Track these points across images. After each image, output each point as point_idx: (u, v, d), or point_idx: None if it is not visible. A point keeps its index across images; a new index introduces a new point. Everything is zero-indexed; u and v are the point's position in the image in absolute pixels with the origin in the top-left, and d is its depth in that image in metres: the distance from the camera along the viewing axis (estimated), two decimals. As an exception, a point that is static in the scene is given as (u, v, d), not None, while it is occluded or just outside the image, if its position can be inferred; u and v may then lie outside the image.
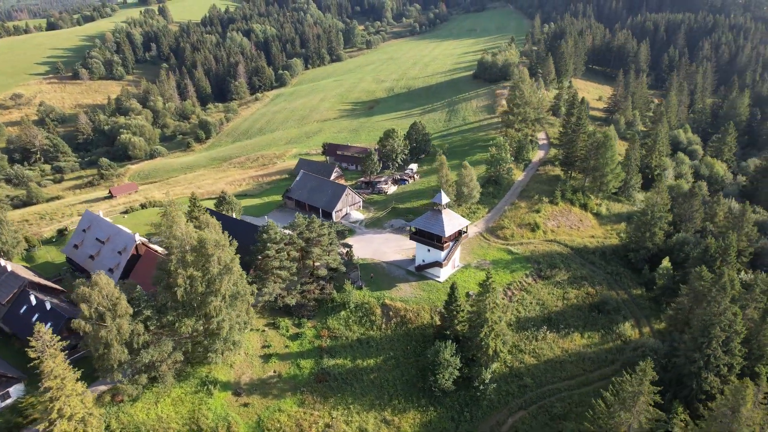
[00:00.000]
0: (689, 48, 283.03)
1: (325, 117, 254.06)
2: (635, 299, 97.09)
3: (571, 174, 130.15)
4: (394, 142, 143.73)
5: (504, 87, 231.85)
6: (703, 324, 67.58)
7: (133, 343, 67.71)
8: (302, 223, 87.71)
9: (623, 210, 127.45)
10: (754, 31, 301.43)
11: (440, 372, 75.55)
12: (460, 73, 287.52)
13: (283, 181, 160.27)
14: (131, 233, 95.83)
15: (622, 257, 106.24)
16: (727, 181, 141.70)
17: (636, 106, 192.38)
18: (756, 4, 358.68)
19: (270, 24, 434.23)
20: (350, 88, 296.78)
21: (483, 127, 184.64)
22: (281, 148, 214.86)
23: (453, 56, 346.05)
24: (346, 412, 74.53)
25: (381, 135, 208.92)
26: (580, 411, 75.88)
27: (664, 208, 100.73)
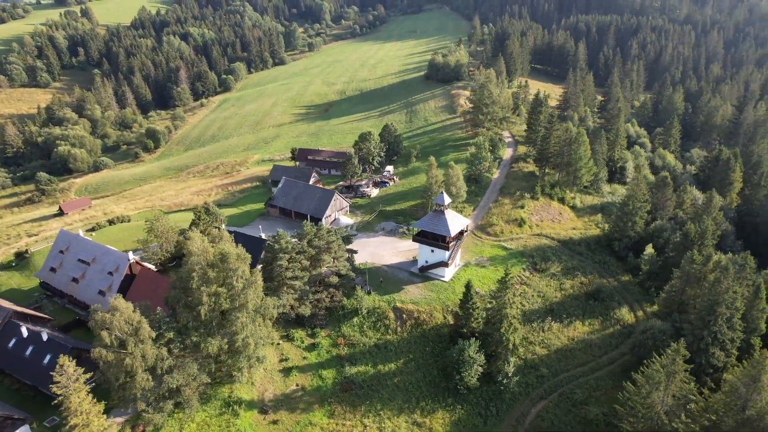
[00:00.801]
0: (620, 47, 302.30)
1: (279, 122, 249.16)
2: (624, 285, 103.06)
3: (545, 170, 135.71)
4: (370, 144, 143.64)
5: (459, 87, 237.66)
6: (709, 303, 73.10)
7: (156, 368, 63.72)
8: (311, 231, 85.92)
9: (595, 202, 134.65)
10: (673, 32, 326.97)
11: (465, 369, 76.75)
12: (411, 74, 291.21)
13: (255, 189, 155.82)
14: (122, 252, 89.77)
15: (606, 246, 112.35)
16: (678, 170, 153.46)
17: (586, 103, 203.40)
18: (669, 7, 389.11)
19: (207, 27, 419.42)
20: (301, 92, 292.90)
21: (447, 127, 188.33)
22: (240, 155, 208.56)
23: (399, 57, 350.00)
24: (378, 419, 74.10)
25: (343, 138, 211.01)
26: (598, 395, 79.85)
27: (643, 198, 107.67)
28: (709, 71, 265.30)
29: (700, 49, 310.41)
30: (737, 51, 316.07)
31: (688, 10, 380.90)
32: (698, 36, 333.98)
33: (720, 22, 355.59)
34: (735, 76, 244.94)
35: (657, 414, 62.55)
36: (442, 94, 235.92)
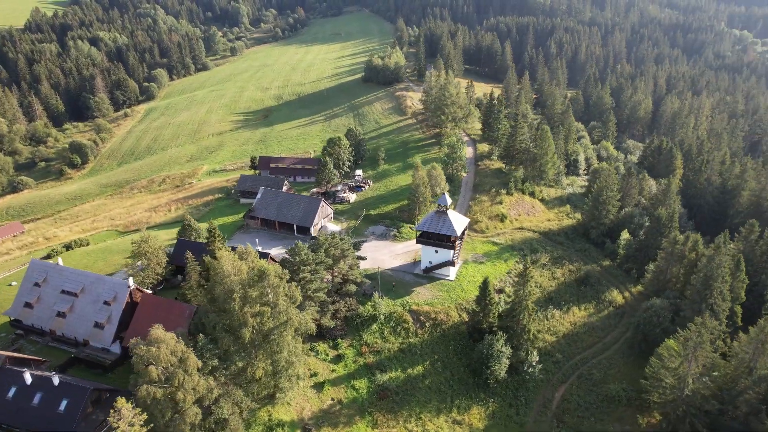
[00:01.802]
0: (541, 47, 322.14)
1: (219, 130, 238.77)
2: (606, 270, 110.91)
3: (512, 166, 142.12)
4: (341, 149, 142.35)
5: (401, 89, 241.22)
6: (705, 278, 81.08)
7: (204, 399, 59.67)
8: (326, 240, 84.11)
9: (559, 194, 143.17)
10: (583, 33, 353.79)
11: (495, 363, 79.13)
12: (347, 77, 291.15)
13: (219, 201, 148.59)
14: (118, 278, 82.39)
15: (582, 235, 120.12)
16: (620, 160, 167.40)
17: (526, 101, 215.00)
18: (575, 10, 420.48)
19: (117, 31, 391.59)
20: (235, 98, 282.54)
21: (402, 129, 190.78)
22: (186, 166, 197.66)
23: (329, 61, 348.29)
24: (420, 423, 74.57)
25: (295, 144, 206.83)
26: (614, 373, 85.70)
27: (615, 187, 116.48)
28: (623, 69, 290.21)
29: (608, 49, 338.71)
30: (638, 50, 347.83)
31: (591, 12, 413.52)
32: (603, 36, 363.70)
33: (619, 23, 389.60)
34: (644, 72, 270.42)
35: (685, 382, 68.49)
36: (385, 96, 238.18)
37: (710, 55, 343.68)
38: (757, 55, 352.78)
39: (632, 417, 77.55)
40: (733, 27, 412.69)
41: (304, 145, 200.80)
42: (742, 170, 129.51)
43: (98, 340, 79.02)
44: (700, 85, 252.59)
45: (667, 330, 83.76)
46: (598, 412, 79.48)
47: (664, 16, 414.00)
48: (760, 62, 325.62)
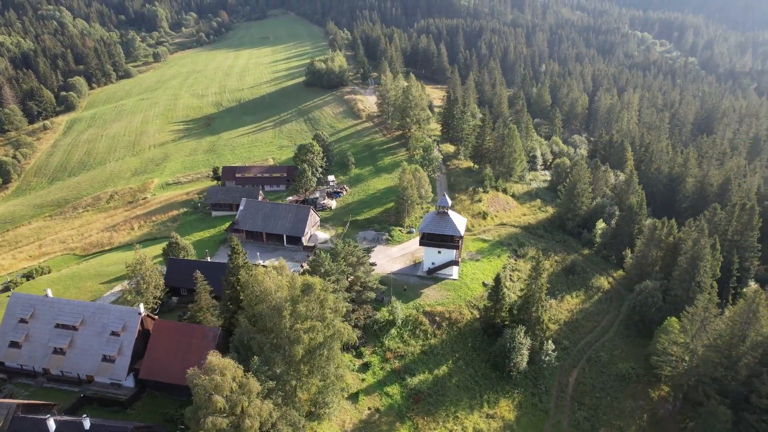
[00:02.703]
0: (474, 49, 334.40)
1: (160, 140, 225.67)
2: (586, 258, 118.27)
3: (482, 165, 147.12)
4: (314, 155, 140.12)
5: (349, 93, 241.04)
6: (692, 258, 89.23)
7: (265, 424, 57.09)
8: (343, 248, 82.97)
9: (525, 190, 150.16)
10: (509, 34, 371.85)
11: (517, 355, 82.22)
12: (287, 82, 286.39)
13: (186, 215, 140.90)
14: (124, 306, 76.17)
15: (559, 226, 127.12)
16: (572, 154, 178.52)
17: (473, 101, 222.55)
18: (497, 12, 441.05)
19: (19, 35, 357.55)
20: (170, 107, 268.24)
21: (361, 132, 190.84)
22: (132, 181, 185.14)
23: (263, 65, 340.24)
24: (457, 421, 76.03)
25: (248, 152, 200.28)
26: (619, 353, 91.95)
27: (586, 180, 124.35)
28: (550, 68, 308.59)
29: (533, 49, 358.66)
30: (559, 50, 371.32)
31: (512, 14, 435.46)
32: (527, 37, 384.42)
33: (539, 25, 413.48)
34: (571, 71, 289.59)
35: (696, 354, 75.22)
36: (334, 100, 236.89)
37: (621, 54, 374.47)
38: (658, 55, 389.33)
39: (644, 392, 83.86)
40: (634, 29, 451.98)
41: (259, 152, 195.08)
42: (685, 159, 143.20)
43: (107, 375, 72.73)
44: (621, 82, 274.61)
45: (661, 309, 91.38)
46: (612, 390, 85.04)
47: (576, 18, 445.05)
48: (664, 61, 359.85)
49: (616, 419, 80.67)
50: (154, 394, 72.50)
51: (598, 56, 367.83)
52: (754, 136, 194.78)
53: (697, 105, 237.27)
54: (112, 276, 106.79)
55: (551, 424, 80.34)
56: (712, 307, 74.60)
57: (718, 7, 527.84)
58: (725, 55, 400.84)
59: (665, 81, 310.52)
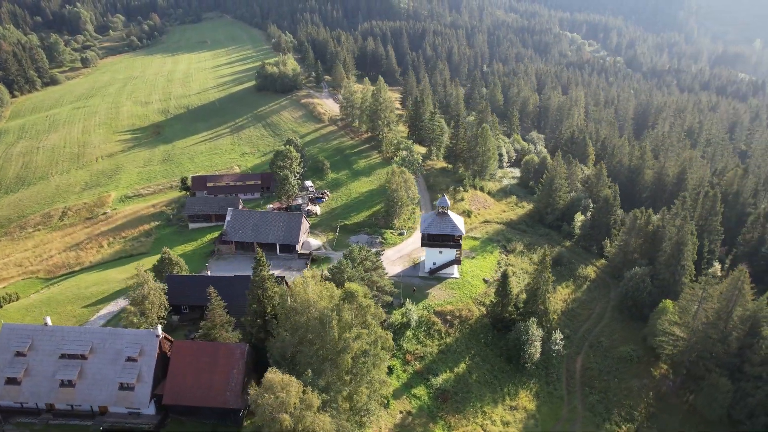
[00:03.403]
0: (421, 51, 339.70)
1: (108, 151, 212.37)
2: (569, 249, 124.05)
3: (456, 165, 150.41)
4: (292, 161, 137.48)
5: (305, 96, 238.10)
6: (677, 244, 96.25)
7: (322, 438, 55.95)
8: (359, 254, 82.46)
9: (498, 187, 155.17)
10: (451, 36, 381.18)
11: (530, 346, 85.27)
12: (236, 87, 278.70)
13: (160, 228, 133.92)
14: (140, 329, 71.52)
15: (538, 221, 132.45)
16: (533, 151, 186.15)
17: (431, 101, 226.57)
18: (436, 14, 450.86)
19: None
20: (112, 115, 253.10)
21: (327, 136, 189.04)
22: (84, 195, 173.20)
23: (206, 70, 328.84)
24: (485, 415, 77.85)
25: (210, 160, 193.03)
26: (617, 337, 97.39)
27: (563, 175, 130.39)
28: (494, 68, 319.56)
29: (475, 50, 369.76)
30: (499, 50, 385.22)
31: (451, 16, 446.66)
32: (468, 38, 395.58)
33: (477, 26, 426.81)
34: (516, 71, 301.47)
35: (696, 332, 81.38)
36: (291, 105, 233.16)
37: (556, 54, 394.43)
38: (590, 55, 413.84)
39: (646, 371, 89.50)
40: (564, 30, 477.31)
41: (221, 160, 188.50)
42: (642, 152, 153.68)
43: (127, 404, 68.16)
44: (563, 80, 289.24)
45: (651, 293, 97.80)
46: (617, 372, 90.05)
47: (511, 20, 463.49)
48: (596, 60, 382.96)
49: (625, 399, 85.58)
50: (180, 420, 68.84)
51: (536, 56, 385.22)
52: (687, 128, 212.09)
53: (634, 101, 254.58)
54: (93, 298, 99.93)
55: (568, 410, 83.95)
56: (710, 288, 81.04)
57: (632, 10, 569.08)
58: (646, 54, 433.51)
59: (600, 79, 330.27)
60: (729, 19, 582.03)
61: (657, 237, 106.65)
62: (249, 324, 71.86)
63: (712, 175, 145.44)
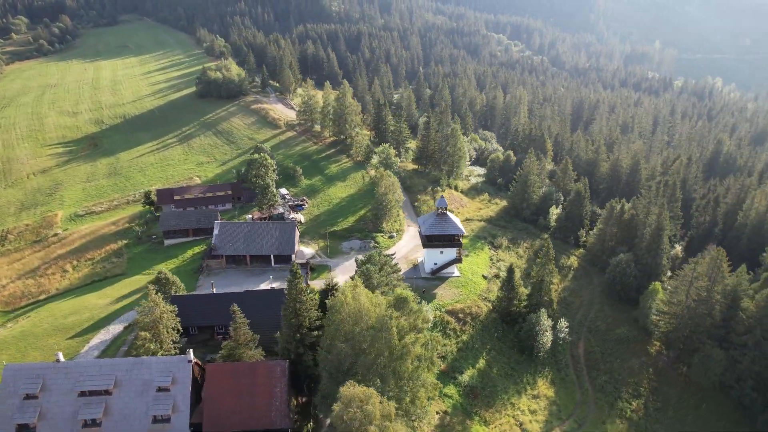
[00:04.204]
0: (360, 53, 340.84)
1: (40, 167, 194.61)
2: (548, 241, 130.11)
3: (428, 166, 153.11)
4: (267, 169, 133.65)
5: (253, 102, 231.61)
6: (657, 230, 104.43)
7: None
8: (379, 259, 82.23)
9: (468, 185, 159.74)
10: (386, 38, 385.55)
11: (543, 336, 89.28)
12: (174, 94, 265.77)
13: (130, 248, 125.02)
14: (168, 356, 66.83)
15: (515, 216, 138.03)
16: (492, 148, 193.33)
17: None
18: (369, 17, 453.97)
19: None
20: (35, 127, 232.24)
21: (288, 142, 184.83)
22: (24, 216, 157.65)
23: (136, 77, 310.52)
24: (515, 407, 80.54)
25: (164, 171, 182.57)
26: (611, 320, 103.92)
27: (536, 171, 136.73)
28: (432, 69, 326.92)
29: (411, 52, 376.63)
30: (433, 51, 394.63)
31: (383, 19, 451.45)
32: (401, 40, 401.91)
33: (410, 28, 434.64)
34: (456, 72, 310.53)
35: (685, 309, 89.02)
36: (240, 111, 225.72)
37: (487, 55, 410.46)
38: (518, 55, 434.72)
39: (643, 350, 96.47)
40: (490, 31, 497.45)
41: (176, 172, 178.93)
42: (596, 147, 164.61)
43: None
44: (501, 80, 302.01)
45: (637, 276, 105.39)
46: (618, 353, 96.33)
47: (440, 21, 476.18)
48: (525, 60, 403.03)
49: (629, 377, 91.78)
50: (222, 447, 65.25)
51: (468, 57, 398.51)
52: (622, 123, 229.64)
53: (570, 98, 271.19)
54: (77, 328, 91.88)
55: (581, 393, 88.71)
56: (699, 269, 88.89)
57: (550, 12, 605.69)
58: (567, 53, 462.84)
59: (532, 77, 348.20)
60: (632, 22, 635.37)
61: (632, 225, 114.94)
62: (285, 339, 69.49)
63: (662, 165, 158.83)
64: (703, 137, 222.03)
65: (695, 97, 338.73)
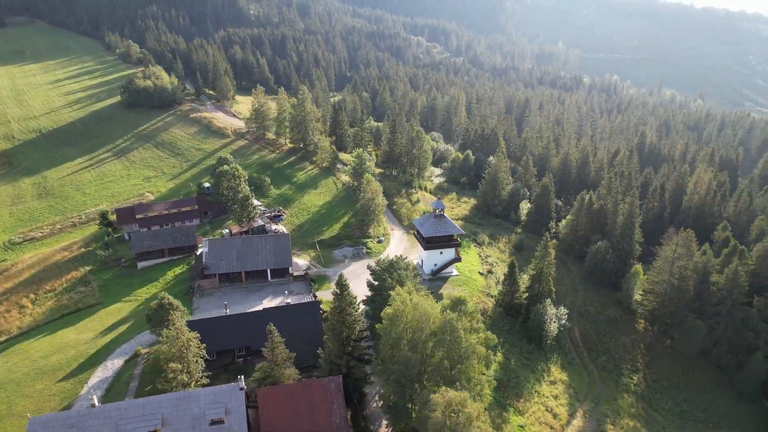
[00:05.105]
0: (288, 58, 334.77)
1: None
2: (521, 234, 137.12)
3: (395, 168, 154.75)
4: (240, 180, 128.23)
5: (190, 111, 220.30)
6: (630, 218, 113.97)
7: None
8: (400, 264, 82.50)
9: (433, 186, 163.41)
10: (312, 42, 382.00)
11: (551, 324, 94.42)
12: (96, 105, 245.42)
13: (96, 274, 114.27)
14: (218, 386, 62.41)
15: (486, 213, 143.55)
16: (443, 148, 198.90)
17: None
18: (289, 20, 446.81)
19: None
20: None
21: (241, 152, 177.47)
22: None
23: (43, 86, 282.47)
24: (540, 394, 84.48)
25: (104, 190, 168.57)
26: (598, 304, 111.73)
27: (504, 169, 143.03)
28: (368, 72, 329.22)
29: (338, 55, 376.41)
30: (358, 55, 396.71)
31: (304, 23, 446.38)
32: (326, 44, 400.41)
33: (331, 32, 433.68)
34: (389, 75, 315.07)
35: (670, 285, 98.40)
36: (178, 120, 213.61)
37: (410, 57, 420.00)
38: (440, 56, 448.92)
39: (631, 328, 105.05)
40: (409, 34, 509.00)
41: (122, 188, 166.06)
42: (547, 142, 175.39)
43: (220, 473, 59.68)
44: (431, 81, 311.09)
45: (615, 261, 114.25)
46: (610, 333, 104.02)
47: (360, 24, 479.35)
48: (448, 62, 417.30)
49: (625, 354, 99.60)
50: (284, 474, 62.45)
51: (393, 59, 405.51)
52: (554, 119, 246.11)
53: (502, 97, 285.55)
54: (65, 369, 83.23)
55: (587, 374, 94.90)
56: (679, 249, 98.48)
57: (463, 15, 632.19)
58: (485, 54, 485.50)
59: (458, 78, 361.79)
60: (538, 24, 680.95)
61: (601, 214, 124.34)
62: (334, 354, 67.86)
63: (610, 158, 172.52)
64: (623, 131, 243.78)
65: (605, 94, 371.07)
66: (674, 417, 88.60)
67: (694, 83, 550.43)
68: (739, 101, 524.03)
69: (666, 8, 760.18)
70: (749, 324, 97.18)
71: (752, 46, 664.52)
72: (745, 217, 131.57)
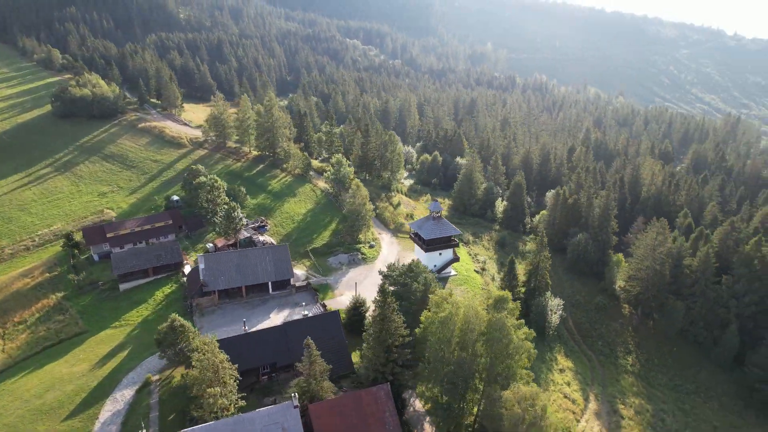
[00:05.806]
0: (227, 63, 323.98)
1: None
2: (500, 231, 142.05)
3: (368, 173, 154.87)
4: (220, 191, 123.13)
5: (137, 120, 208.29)
6: (606, 210, 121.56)
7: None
8: (422, 271, 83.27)
9: (406, 188, 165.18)
10: (249, 46, 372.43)
11: (553, 314, 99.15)
12: (22, 115, 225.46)
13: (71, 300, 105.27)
14: (273, 406, 59.89)
15: (463, 212, 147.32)
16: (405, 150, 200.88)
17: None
18: (222, 25, 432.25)
19: None
20: None
21: (204, 161, 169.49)
22: None
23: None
24: (555, 382, 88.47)
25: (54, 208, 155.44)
26: (585, 292, 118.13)
27: (478, 169, 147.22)
28: (314, 76, 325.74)
29: (277, 60, 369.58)
30: (298, 58, 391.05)
31: (238, 27, 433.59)
32: (263, 48, 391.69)
33: (266, 36, 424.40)
34: (335, 79, 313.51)
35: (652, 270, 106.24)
36: (125, 131, 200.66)
37: (349, 60, 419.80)
38: (377, 59, 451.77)
39: (618, 313, 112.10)
40: (344, 37, 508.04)
41: (74, 207, 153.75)
42: (508, 142, 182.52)
43: (281, 496, 57.67)
44: (375, 84, 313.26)
45: (595, 252, 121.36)
46: (601, 320, 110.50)
47: (294, 28, 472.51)
48: (387, 64, 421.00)
49: (617, 337, 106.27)
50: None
51: (332, 63, 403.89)
52: (502, 119, 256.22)
53: (450, 98, 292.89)
54: (68, 405, 76.96)
55: (587, 359, 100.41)
56: (660, 236, 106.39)
57: (395, 17, 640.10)
58: (420, 56, 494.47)
59: (399, 80, 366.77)
60: (466, 25, 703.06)
61: (576, 208, 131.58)
62: (379, 362, 67.46)
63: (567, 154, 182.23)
64: (565, 128, 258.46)
65: (539, 93, 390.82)
66: (670, 392, 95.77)
67: (612, 81, 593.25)
68: (650, 98, 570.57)
69: (581, 12, 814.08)
70: (720, 301, 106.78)
71: (656, 47, 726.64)
72: (696, 204, 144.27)
